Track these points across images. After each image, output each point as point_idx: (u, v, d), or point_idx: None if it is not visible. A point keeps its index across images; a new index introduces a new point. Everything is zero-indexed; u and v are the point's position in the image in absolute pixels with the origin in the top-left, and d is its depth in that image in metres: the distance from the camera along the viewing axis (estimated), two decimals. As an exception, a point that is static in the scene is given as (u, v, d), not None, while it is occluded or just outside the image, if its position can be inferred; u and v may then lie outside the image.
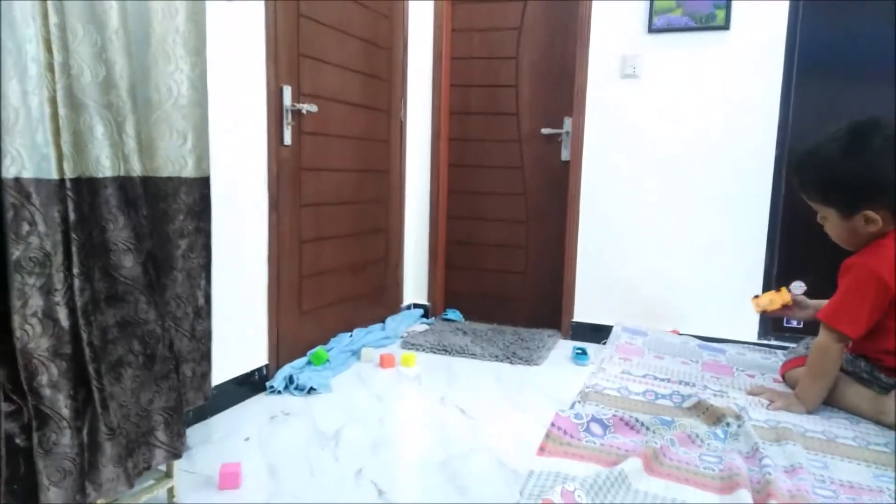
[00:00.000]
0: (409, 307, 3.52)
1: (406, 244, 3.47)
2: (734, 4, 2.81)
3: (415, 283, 3.56)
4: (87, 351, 1.25)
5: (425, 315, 3.52)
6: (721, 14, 2.82)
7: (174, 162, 1.49)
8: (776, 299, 1.45)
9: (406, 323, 3.29)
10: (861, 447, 1.06)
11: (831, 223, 1.28)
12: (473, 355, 2.88)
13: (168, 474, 1.57)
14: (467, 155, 3.48)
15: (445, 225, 3.55)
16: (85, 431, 1.27)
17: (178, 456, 1.51)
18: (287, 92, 2.38)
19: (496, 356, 2.87)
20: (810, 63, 2.77)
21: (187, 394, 1.55)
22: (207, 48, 1.59)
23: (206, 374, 1.58)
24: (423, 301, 3.57)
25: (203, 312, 1.53)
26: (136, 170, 1.39)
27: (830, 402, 1.25)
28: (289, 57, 2.41)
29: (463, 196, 3.52)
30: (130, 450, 1.37)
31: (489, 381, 2.58)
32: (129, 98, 1.36)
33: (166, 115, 1.49)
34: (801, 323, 2.69)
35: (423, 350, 2.93)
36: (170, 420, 1.48)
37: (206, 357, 1.57)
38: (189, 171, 1.51)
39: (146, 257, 1.40)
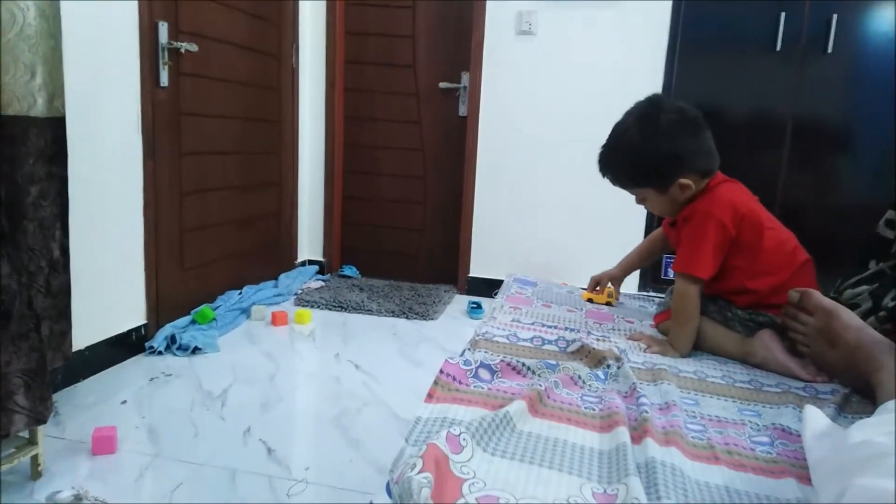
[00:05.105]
0: (303, 264, 3.42)
1: (300, 199, 3.35)
2: (626, -35, 2.86)
3: (310, 239, 3.45)
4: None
5: (321, 272, 3.43)
6: (614, -27, 2.86)
7: (21, 99, 1.32)
8: (599, 298, 1.67)
9: (300, 280, 3.19)
10: (728, 385, 1.13)
11: (652, 201, 1.37)
12: (370, 311, 2.85)
13: (32, 441, 1.44)
14: (363, 107, 3.38)
15: (342, 179, 3.45)
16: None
17: (41, 421, 1.39)
18: (163, 28, 2.18)
19: (392, 312, 2.85)
20: (692, 36, 2.88)
21: (45, 354, 1.42)
22: (62, -30, 1.41)
23: (66, 333, 1.45)
24: (319, 257, 3.48)
25: (59, 266, 1.39)
26: (-23, 106, 1.23)
27: (703, 349, 1.33)
28: (164, -10, 2.20)
29: (360, 150, 3.42)
30: (-18, 417, 1.24)
31: (385, 337, 2.56)
32: (-37, 21, 1.18)
33: (10, 46, 1.31)
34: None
35: (318, 307, 2.86)
36: (31, 383, 1.35)
37: (63, 314, 1.43)
38: (39, 111, 1.34)
39: (-6, 204, 1.24)
